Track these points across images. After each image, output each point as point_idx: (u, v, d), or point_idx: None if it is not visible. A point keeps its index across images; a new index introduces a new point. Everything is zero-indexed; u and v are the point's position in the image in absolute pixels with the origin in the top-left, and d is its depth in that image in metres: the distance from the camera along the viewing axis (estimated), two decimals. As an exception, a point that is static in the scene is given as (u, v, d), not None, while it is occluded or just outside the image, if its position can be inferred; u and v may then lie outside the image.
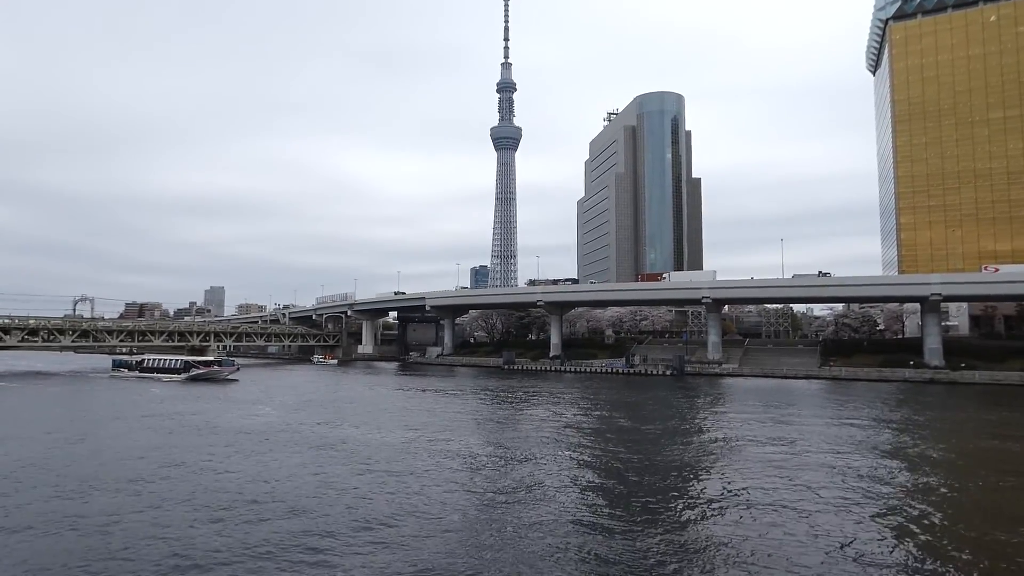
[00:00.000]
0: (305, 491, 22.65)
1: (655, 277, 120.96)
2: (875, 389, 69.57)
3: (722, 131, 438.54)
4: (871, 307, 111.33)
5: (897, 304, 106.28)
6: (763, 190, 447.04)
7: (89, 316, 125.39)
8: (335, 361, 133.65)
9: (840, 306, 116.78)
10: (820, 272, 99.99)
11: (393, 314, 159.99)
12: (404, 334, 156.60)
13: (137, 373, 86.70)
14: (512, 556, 16.33)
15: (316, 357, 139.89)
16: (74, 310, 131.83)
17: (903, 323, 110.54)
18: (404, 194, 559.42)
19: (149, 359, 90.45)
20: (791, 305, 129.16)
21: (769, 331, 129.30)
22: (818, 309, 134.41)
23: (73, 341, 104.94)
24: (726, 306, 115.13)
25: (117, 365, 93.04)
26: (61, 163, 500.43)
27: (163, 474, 25.28)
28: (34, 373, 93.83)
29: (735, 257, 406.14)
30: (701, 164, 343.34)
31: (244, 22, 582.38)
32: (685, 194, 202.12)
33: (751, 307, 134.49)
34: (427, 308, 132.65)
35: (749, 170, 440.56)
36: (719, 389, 70.72)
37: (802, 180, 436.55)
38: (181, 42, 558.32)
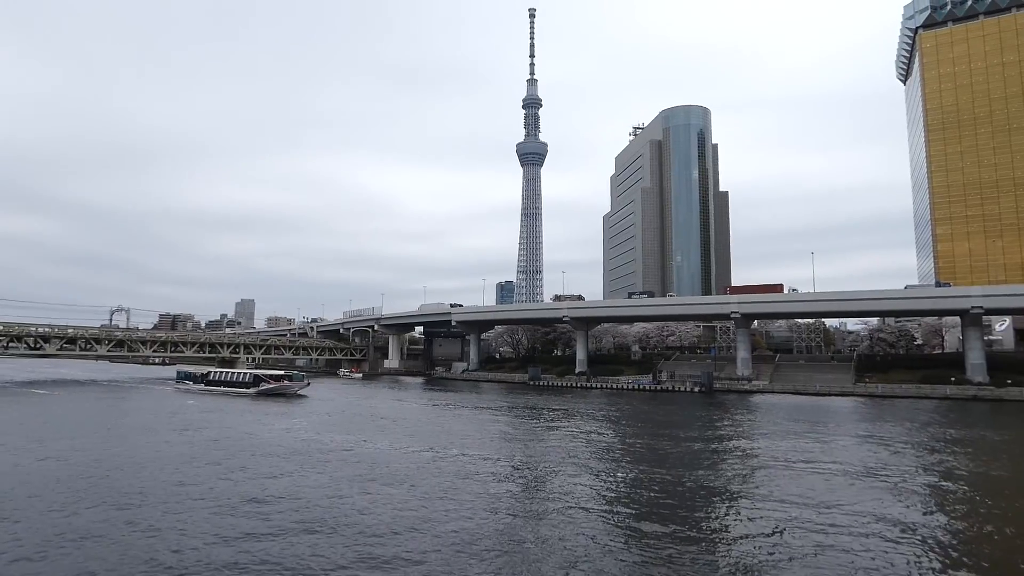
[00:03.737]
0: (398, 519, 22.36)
1: (747, 290, 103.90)
2: (915, 407, 67.04)
3: (749, 143, 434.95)
4: (908, 321, 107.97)
5: (936, 318, 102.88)
6: (792, 202, 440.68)
7: (125, 326, 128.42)
8: (360, 375, 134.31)
9: (874, 320, 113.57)
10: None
11: (419, 329, 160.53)
12: (430, 349, 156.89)
13: (203, 386, 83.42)
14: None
15: (342, 371, 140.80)
16: (110, 320, 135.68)
17: (943, 337, 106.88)
18: (430, 210, 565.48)
19: (216, 372, 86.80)
20: (823, 320, 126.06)
21: (800, 346, 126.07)
22: (852, 323, 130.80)
23: (109, 350, 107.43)
24: (755, 321, 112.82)
25: (182, 377, 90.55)
26: (100, 179, 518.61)
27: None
28: (91, 383, 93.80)
29: (764, 271, 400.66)
30: (728, 177, 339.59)
31: (271, 41, 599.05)
32: (712, 208, 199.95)
33: (781, 322, 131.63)
34: (453, 323, 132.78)
35: (777, 182, 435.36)
36: (750, 406, 68.96)
37: (831, 192, 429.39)
38: (211, 61, 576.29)
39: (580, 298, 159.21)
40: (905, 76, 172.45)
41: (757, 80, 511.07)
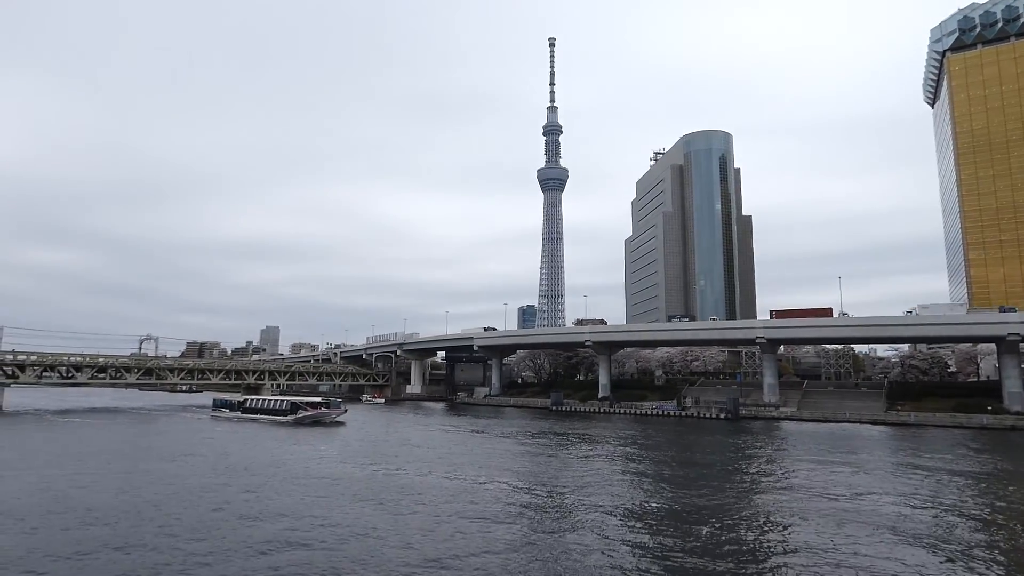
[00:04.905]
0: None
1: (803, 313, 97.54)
2: (949, 436, 64.96)
3: (773, 168, 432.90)
4: (941, 348, 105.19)
5: (970, 344, 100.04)
6: (817, 227, 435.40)
7: (153, 355, 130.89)
8: (382, 400, 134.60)
9: (906, 347, 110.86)
10: (909, 310, 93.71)
11: (441, 354, 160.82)
12: (452, 374, 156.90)
13: (239, 414, 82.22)
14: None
15: (365, 396, 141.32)
16: (139, 349, 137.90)
17: (977, 365, 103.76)
18: (451, 236, 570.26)
19: (252, 400, 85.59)
20: (852, 345, 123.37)
21: (829, 372, 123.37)
22: (882, 350, 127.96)
23: (138, 378, 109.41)
24: (781, 346, 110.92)
25: (218, 405, 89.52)
26: (127, 212, 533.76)
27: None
28: (126, 411, 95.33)
29: (789, 296, 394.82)
30: (751, 201, 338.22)
31: (292, 72, 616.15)
32: (735, 232, 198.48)
33: (808, 348, 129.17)
34: (475, 348, 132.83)
35: (802, 207, 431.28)
36: (777, 434, 67.48)
37: (858, 216, 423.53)
38: (231, 93, 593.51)
39: (602, 322, 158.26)
40: (933, 99, 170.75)
41: (780, 105, 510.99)
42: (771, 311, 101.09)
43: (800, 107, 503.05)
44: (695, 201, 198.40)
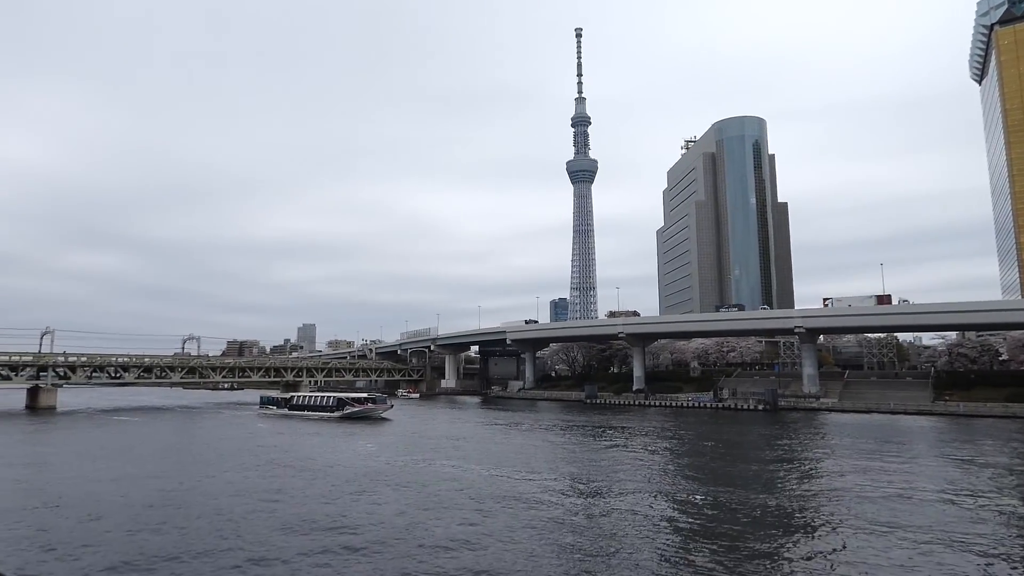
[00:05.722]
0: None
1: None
2: (1002, 427, 62.57)
3: (809, 152, 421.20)
4: (991, 335, 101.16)
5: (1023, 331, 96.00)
6: (858, 212, 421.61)
7: (196, 354, 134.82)
8: (417, 395, 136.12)
9: (953, 334, 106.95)
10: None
11: (475, 348, 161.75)
12: (486, 368, 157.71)
13: (286, 411, 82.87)
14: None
15: (400, 391, 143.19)
16: (182, 348, 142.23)
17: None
18: (481, 230, 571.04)
19: (298, 397, 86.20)
20: (895, 334, 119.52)
21: (871, 362, 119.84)
22: (927, 338, 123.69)
23: (182, 377, 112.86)
24: (821, 336, 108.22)
25: (265, 402, 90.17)
26: (167, 215, 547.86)
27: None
28: (173, 409, 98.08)
29: (829, 284, 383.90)
30: (787, 188, 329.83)
31: (322, 72, 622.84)
32: (771, 220, 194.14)
33: (850, 337, 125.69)
34: (508, 342, 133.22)
35: (841, 191, 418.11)
36: (819, 425, 66.01)
37: (900, 199, 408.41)
38: (260, 94, 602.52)
39: (635, 314, 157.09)
40: (980, 76, 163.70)
41: (815, 87, 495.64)
42: (824, 299, 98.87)
43: (836, 88, 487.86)
44: (728, 189, 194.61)
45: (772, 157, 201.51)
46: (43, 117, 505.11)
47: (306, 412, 78.95)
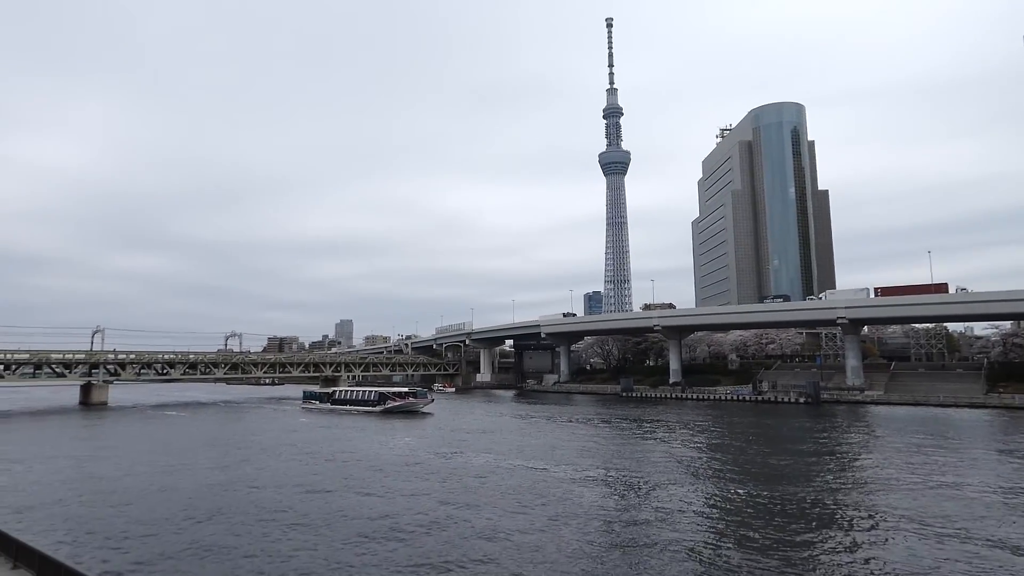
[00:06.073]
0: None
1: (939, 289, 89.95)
2: (1062, 419, 59.78)
3: (851, 137, 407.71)
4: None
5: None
6: (904, 198, 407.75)
7: (238, 350, 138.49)
8: (453, 390, 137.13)
9: (1007, 324, 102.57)
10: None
11: (509, 342, 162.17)
12: (520, 362, 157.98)
13: (329, 405, 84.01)
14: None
15: (436, 386, 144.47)
16: (225, 345, 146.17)
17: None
18: (514, 224, 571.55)
19: (341, 391, 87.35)
20: (946, 324, 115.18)
21: (919, 353, 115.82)
22: (979, 328, 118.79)
23: (225, 373, 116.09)
24: (865, 327, 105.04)
25: (308, 397, 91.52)
26: (209, 215, 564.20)
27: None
28: (221, 404, 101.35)
29: (874, 273, 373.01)
30: (828, 175, 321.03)
31: (354, 72, 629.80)
32: (811, 208, 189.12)
33: (895, 327, 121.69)
34: (542, 335, 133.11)
35: (886, 177, 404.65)
36: (865, 418, 64.16)
37: (949, 185, 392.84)
38: (294, 95, 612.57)
39: (670, 306, 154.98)
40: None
41: (855, 70, 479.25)
42: (876, 288, 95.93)
43: (878, 71, 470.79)
44: (766, 177, 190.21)
45: (812, 144, 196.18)
46: (91, 124, 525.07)
47: (348, 407, 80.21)
